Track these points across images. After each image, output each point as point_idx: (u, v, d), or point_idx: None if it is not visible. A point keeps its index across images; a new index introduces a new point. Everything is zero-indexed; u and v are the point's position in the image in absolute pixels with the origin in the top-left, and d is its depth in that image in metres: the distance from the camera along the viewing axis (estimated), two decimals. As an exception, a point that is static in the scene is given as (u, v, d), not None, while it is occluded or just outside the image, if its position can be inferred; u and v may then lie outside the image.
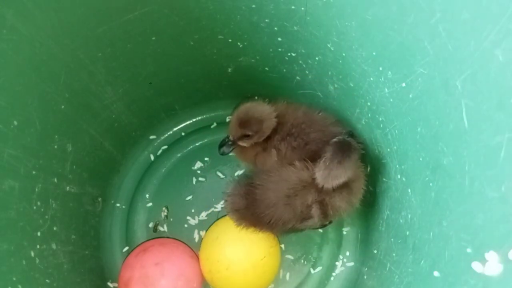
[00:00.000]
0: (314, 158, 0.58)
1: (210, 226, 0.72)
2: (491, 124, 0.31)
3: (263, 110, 0.63)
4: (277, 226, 0.60)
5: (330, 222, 0.70)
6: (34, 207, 0.54)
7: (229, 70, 0.73)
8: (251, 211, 0.61)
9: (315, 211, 0.58)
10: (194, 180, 0.79)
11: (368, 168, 0.64)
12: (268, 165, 0.63)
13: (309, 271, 0.73)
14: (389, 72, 0.47)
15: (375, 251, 0.62)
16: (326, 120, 0.64)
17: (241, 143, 0.65)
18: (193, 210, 0.77)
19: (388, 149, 0.55)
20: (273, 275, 0.69)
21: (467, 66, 0.33)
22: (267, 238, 0.66)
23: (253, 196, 0.60)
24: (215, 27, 0.62)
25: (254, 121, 0.62)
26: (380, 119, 0.55)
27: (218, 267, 0.66)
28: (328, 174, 0.54)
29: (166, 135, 0.83)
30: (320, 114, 0.65)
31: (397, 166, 0.53)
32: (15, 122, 0.49)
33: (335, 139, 0.57)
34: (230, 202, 0.64)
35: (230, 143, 0.66)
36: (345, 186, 0.57)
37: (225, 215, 0.69)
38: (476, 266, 0.31)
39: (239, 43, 0.66)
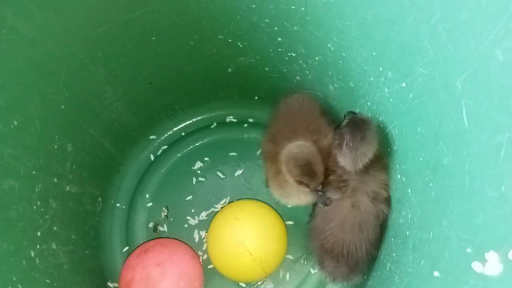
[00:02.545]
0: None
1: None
2: (491, 124, 0.31)
3: (304, 145, 0.58)
4: (371, 247, 0.57)
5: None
6: (34, 207, 0.54)
7: (229, 70, 0.73)
8: (352, 266, 0.57)
9: (381, 203, 0.55)
10: (194, 180, 0.79)
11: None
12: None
13: (309, 271, 0.73)
14: (389, 72, 0.47)
15: (375, 251, 0.62)
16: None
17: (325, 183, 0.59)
18: (193, 210, 0.77)
19: (388, 149, 0.55)
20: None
21: (467, 66, 0.33)
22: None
23: (337, 253, 0.57)
24: (215, 27, 0.62)
25: (314, 159, 0.57)
26: (380, 119, 0.55)
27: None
28: (356, 154, 0.50)
29: (166, 135, 0.83)
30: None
31: (397, 166, 0.53)
32: (15, 122, 0.49)
33: (346, 120, 0.53)
34: (335, 275, 0.60)
35: (321, 192, 0.58)
36: (376, 161, 0.53)
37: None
38: (476, 266, 0.31)
39: (239, 43, 0.66)
